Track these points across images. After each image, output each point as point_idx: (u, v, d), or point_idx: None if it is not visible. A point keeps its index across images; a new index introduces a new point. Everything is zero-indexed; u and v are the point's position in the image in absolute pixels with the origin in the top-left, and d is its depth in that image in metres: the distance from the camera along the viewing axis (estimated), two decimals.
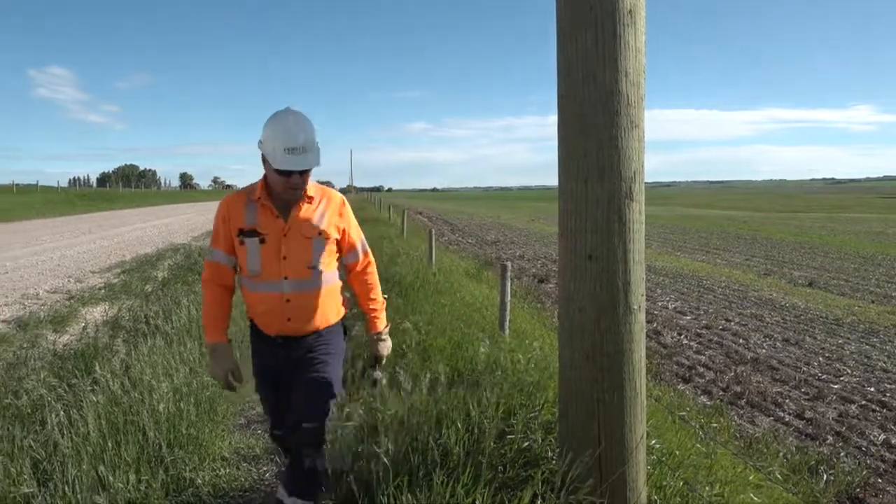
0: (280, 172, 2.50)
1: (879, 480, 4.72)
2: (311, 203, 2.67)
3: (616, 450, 2.37)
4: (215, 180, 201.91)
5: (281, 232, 2.62)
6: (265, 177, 2.65)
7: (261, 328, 2.73)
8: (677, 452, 3.12)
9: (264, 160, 2.57)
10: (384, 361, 3.02)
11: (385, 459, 2.75)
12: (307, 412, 2.62)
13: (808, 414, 6.00)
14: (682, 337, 8.88)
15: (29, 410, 3.72)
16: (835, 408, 6.21)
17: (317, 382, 2.68)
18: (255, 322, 2.76)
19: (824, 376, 7.18)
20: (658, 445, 3.04)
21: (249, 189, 2.68)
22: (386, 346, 2.98)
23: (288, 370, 2.72)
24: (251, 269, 2.62)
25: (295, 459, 2.66)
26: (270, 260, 2.61)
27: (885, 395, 6.55)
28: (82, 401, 3.64)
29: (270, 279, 2.61)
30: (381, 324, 2.95)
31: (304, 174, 2.57)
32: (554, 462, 2.65)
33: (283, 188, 2.57)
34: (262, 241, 2.59)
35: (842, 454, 5.14)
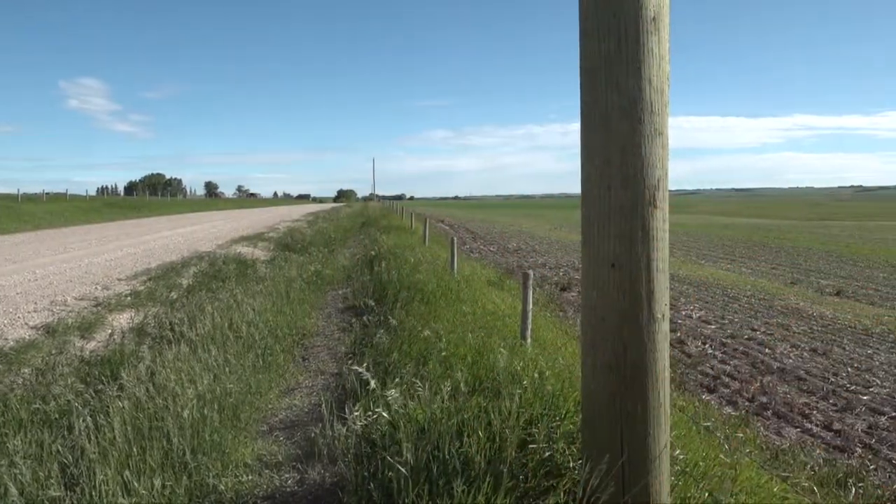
0: None
1: None
2: None
3: (639, 460, 2.34)
4: (239, 189, 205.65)
5: None
6: None
7: None
8: (701, 463, 3.08)
9: None
10: None
11: (404, 470, 2.75)
12: None
13: (837, 426, 5.88)
14: (706, 346, 8.77)
15: (57, 415, 3.77)
16: (864, 419, 6.07)
17: None
18: None
19: (853, 387, 7.04)
20: (682, 456, 3.00)
21: None
22: None
23: None
24: None
25: None
26: None
27: None
28: (108, 406, 3.69)
29: None
30: None
31: None
32: (576, 472, 2.63)
33: None
34: None
35: (871, 467, 5.03)
